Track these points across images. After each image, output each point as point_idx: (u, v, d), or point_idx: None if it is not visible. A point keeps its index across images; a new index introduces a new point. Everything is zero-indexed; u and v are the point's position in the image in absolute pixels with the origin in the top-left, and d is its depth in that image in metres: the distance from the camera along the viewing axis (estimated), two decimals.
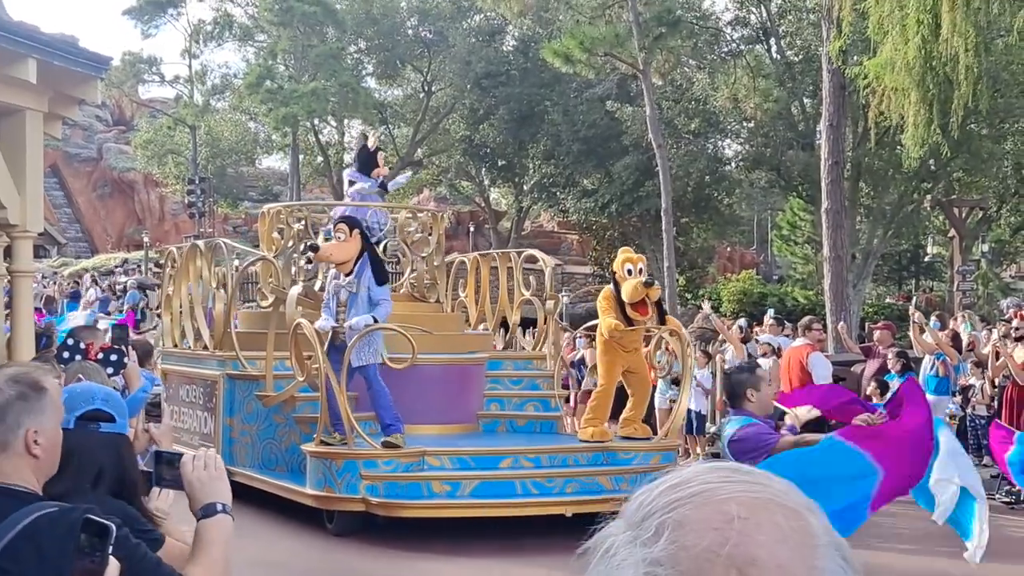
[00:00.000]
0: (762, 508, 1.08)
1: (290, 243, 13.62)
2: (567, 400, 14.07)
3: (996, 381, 14.86)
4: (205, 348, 13.39)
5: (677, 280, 29.05)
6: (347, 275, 10.90)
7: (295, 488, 11.09)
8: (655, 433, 12.46)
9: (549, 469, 11.26)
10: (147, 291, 40.42)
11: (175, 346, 14.17)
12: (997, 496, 13.28)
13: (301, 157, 45.05)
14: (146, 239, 55.52)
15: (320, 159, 45.62)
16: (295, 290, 11.88)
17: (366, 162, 14.02)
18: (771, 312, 17.94)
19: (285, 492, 11.31)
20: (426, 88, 44.12)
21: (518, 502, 10.70)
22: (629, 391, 12.07)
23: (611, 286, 11.91)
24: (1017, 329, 14.78)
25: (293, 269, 13.49)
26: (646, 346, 12.43)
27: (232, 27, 47.64)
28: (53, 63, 6.51)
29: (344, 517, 10.71)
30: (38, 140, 6.89)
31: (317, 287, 13.01)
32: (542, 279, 13.94)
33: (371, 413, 11.12)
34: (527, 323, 15.99)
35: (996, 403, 14.80)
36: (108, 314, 32.37)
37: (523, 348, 15.36)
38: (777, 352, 14.80)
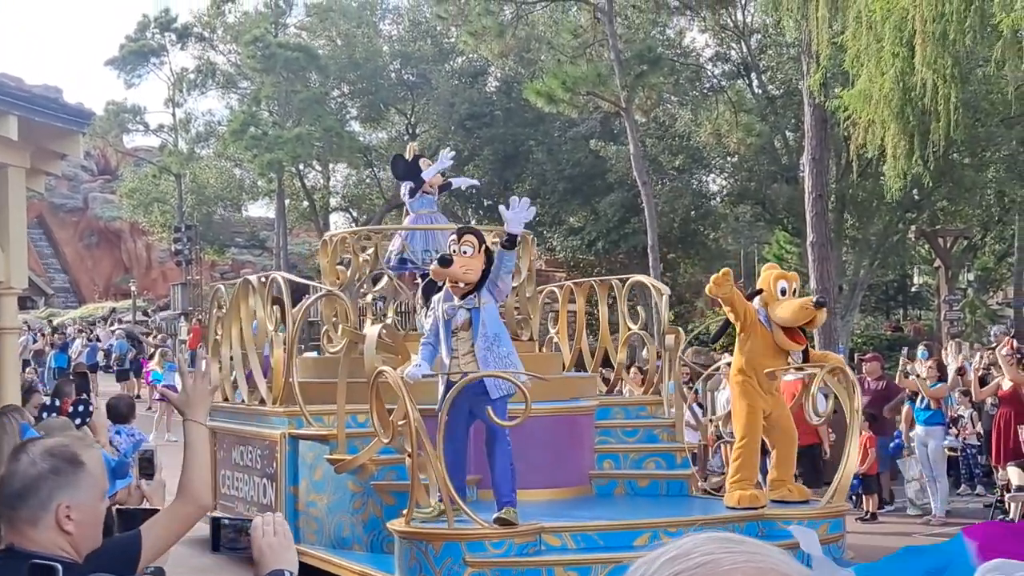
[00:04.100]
0: None
1: (357, 275, 11.80)
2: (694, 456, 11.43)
3: (985, 408, 14.91)
4: (262, 402, 11.48)
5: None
6: (464, 296, 8.92)
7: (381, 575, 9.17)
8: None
9: None
10: (136, 342, 40.42)
11: (225, 400, 12.07)
12: None
13: (287, 202, 45.04)
14: (133, 288, 55.56)
15: (306, 204, 45.65)
16: (374, 330, 9.74)
17: (413, 173, 11.97)
18: None
19: None
20: (410, 131, 44.21)
21: None
22: (769, 443, 10.14)
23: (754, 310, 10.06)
24: (1019, 352, 14.74)
25: (359, 304, 11.79)
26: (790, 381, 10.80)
27: (215, 75, 47.75)
28: (34, 119, 6.51)
29: None
30: (21, 196, 6.90)
31: (388, 320, 11.38)
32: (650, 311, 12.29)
33: (474, 476, 9.42)
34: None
35: (984, 432, 14.85)
36: (96, 364, 32.35)
37: (631, 392, 13.49)
38: None
